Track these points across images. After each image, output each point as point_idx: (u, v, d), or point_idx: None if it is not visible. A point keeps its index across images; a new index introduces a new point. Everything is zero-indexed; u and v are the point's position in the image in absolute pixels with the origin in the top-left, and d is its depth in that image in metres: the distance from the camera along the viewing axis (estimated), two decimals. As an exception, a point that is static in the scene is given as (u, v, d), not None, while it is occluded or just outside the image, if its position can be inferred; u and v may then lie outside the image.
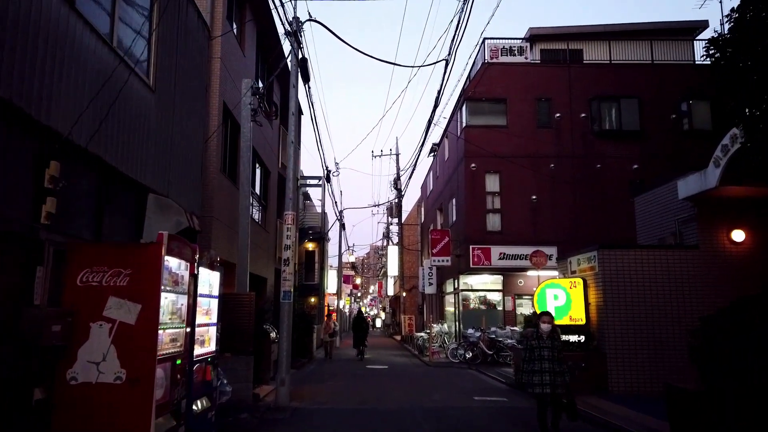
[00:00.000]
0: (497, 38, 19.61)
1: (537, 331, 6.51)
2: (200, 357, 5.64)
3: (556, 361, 6.27)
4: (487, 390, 11.45)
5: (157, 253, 4.48)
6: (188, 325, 5.20)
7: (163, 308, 4.58)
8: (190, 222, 6.11)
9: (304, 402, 9.64)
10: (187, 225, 6.00)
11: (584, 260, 11.12)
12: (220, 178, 11.19)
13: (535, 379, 6.23)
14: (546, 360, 6.24)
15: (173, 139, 6.86)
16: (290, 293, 9.68)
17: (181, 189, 7.05)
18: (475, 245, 17.98)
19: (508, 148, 18.30)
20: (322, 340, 18.89)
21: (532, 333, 6.61)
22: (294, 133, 9.92)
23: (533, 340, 6.46)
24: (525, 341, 6.65)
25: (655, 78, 18.85)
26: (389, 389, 11.33)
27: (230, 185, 11.81)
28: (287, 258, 9.66)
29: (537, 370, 6.24)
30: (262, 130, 15.64)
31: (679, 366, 9.59)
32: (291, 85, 9.98)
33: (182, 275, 5.09)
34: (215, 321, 6.18)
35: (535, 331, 6.55)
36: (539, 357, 6.28)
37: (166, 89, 6.62)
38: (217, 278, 6.23)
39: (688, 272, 10.33)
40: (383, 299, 53.69)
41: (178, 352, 4.95)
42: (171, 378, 4.74)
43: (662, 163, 17.55)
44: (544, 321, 6.49)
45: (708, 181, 9.57)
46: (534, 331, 6.60)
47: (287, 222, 9.68)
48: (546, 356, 6.25)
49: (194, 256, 5.28)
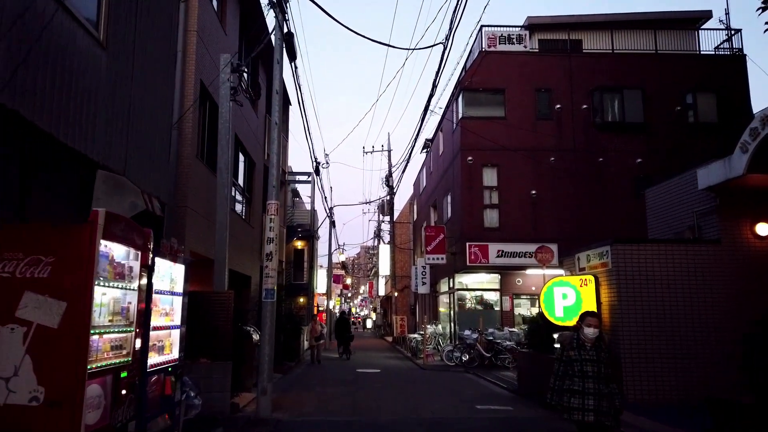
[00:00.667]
0: (495, 26, 18.75)
1: (578, 338, 4.72)
2: (157, 367, 4.65)
3: (603, 379, 4.60)
4: (488, 397, 10.53)
5: (89, 236, 3.48)
6: (139, 329, 4.20)
7: (99, 307, 3.60)
8: (148, 205, 5.13)
9: (288, 412, 8.65)
10: (145, 208, 5.03)
11: (595, 256, 10.23)
12: (197, 165, 10.17)
13: (574, 402, 4.57)
14: (590, 378, 4.56)
15: (133, 112, 5.86)
16: (273, 291, 8.68)
17: (143, 170, 6.05)
18: (472, 242, 17.07)
19: (506, 140, 17.42)
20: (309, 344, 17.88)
21: (571, 340, 4.77)
22: (278, 115, 8.94)
23: (572, 350, 4.68)
24: (560, 350, 4.82)
25: (658, 68, 18.09)
26: (383, 397, 10.37)
27: (209, 173, 10.80)
28: (270, 252, 8.67)
29: (577, 390, 4.57)
30: (247, 119, 14.63)
31: (702, 372, 8.75)
32: (275, 61, 8.99)
33: (130, 266, 4.10)
34: (179, 323, 5.18)
35: (575, 338, 4.74)
36: (581, 373, 4.59)
37: (122, 51, 5.62)
38: (181, 272, 5.24)
39: (709, 269, 9.48)
40: (374, 299, 52.75)
41: (124, 363, 3.96)
42: (112, 395, 3.75)
43: (667, 156, 16.78)
44: (588, 324, 4.71)
45: (733, 169, 8.72)
46: (573, 338, 4.76)
47: (270, 212, 8.69)
48: (590, 373, 4.57)
49: (147, 244, 4.29)
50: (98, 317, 3.58)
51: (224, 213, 9.08)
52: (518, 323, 17.80)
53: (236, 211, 14.36)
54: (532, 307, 18.16)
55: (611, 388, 4.61)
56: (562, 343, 4.85)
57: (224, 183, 9.19)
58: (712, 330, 9.07)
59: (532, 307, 18.20)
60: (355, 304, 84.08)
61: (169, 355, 5.01)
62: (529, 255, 16.85)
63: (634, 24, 19.48)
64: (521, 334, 16.09)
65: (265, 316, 8.70)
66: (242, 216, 14.84)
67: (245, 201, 15.37)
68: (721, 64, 18.33)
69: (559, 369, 4.77)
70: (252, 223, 15.42)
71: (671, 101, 17.77)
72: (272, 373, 8.71)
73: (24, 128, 4.14)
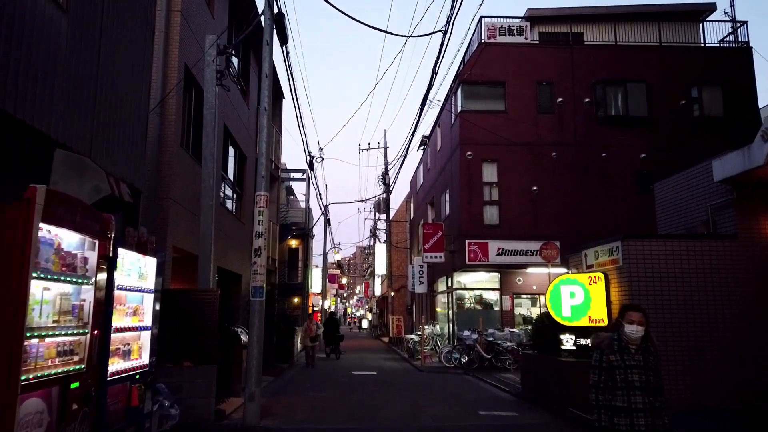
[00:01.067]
0: (495, 17, 18.19)
1: (619, 339, 3.74)
2: (121, 374, 4.04)
3: (653, 390, 3.61)
4: (491, 401, 9.95)
5: (23, 218, 2.87)
6: (96, 330, 3.60)
7: (40, 304, 2.99)
8: (114, 189, 4.52)
9: (278, 419, 8.05)
10: (110, 193, 4.42)
11: (604, 252, 9.67)
12: (182, 155, 9.55)
13: (622, 421, 3.56)
14: (637, 389, 3.57)
15: (101, 89, 5.25)
16: (262, 290, 8.07)
17: (113, 153, 5.44)
18: (471, 240, 16.50)
19: (506, 135, 16.85)
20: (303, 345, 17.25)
21: (611, 342, 3.77)
22: (268, 100, 8.33)
23: (613, 353, 3.70)
24: (598, 355, 3.79)
25: (662, 61, 17.57)
26: (380, 401, 9.77)
27: (195, 165, 10.18)
28: (259, 247, 8.06)
29: (623, 407, 3.56)
30: (238, 111, 14.01)
31: (723, 374, 8.22)
32: (264, 42, 8.38)
33: (85, 257, 3.50)
34: (149, 324, 4.57)
35: (616, 339, 3.75)
36: (625, 384, 3.59)
37: (87, 17, 5.00)
38: (152, 266, 4.63)
39: (725, 265, 8.94)
40: (370, 299, 52.15)
41: (75, 371, 3.36)
42: (59, 411, 3.14)
43: (671, 151, 16.25)
44: (631, 320, 3.69)
45: (753, 159, 8.16)
46: (613, 338, 3.78)
47: (259, 204, 8.08)
48: (637, 383, 3.58)
49: (107, 231, 3.68)
50: (39, 317, 2.98)
51: (209, 205, 8.46)
52: (518, 323, 17.26)
53: (226, 207, 13.75)
54: (533, 307, 17.63)
55: (661, 400, 3.61)
56: (599, 345, 3.82)
57: (210, 173, 8.57)
58: (732, 329, 8.54)
59: (532, 307, 17.66)
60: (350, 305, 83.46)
61: (137, 360, 4.40)
62: (530, 253, 16.34)
63: (637, 16, 18.97)
64: (522, 335, 15.56)
65: (253, 316, 8.09)
66: (233, 212, 14.23)
67: (236, 196, 14.76)
68: (726, 57, 17.83)
69: (599, 379, 3.69)
70: (243, 220, 14.80)
71: (676, 95, 17.27)
72: (261, 377, 8.12)
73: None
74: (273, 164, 18.40)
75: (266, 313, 12.70)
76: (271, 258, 18.38)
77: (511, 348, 14.70)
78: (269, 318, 14.64)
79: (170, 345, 7.58)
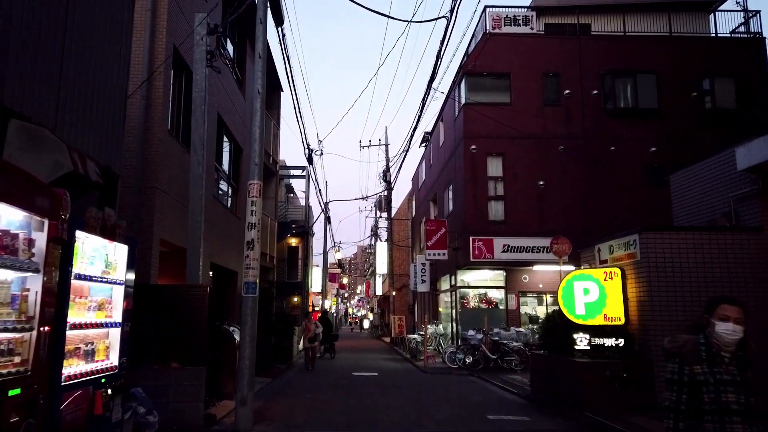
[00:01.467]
0: (500, 7, 17.60)
1: (707, 343, 2.71)
2: (81, 378, 3.48)
3: (749, 409, 2.61)
4: (500, 404, 9.37)
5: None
6: (46, 326, 3.03)
7: (-39, 293, 2.43)
8: (78, 165, 3.96)
9: (273, 424, 7.49)
10: (72, 169, 3.86)
11: (620, 246, 9.11)
12: (171, 143, 9.00)
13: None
14: (734, 413, 2.57)
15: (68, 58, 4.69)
16: (255, 285, 7.51)
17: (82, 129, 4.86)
18: (476, 236, 15.93)
19: (512, 128, 16.27)
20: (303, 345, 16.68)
21: (696, 348, 2.71)
22: (261, 82, 7.77)
23: (698, 364, 2.66)
24: (677, 366, 2.71)
25: (673, 52, 16.98)
26: (382, 405, 9.20)
27: (185, 154, 9.62)
28: (252, 240, 7.50)
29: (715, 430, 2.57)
30: (233, 100, 13.46)
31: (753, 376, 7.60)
32: (258, 20, 7.83)
33: (29, 239, 2.94)
34: (119, 320, 4.01)
35: (703, 343, 2.71)
36: (717, 405, 2.58)
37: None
38: (123, 254, 4.08)
39: (749, 259, 8.38)
40: (371, 299, 51.59)
41: (15, 375, 2.80)
42: (-8, 422, 2.58)
43: (682, 144, 15.64)
44: (725, 316, 2.66)
45: (783, 145, 7.61)
46: (700, 342, 2.72)
47: (252, 194, 7.53)
48: (734, 404, 2.58)
49: (60, 211, 3.12)
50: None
51: (198, 194, 7.90)
52: (524, 323, 16.69)
53: (222, 202, 13.20)
54: (539, 306, 17.06)
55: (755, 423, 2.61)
56: (679, 352, 2.72)
57: (199, 161, 8.01)
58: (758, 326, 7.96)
59: (539, 306, 17.09)
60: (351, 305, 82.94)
61: (103, 362, 3.84)
62: (537, 249, 15.77)
63: (646, 7, 18.40)
64: (529, 334, 14.99)
65: (245, 314, 7.53)
66: (228, 206, 13.68)
67: (231, 190, 14.20)
68: (738, 48, 17.24)
69: (678, 396, 2.65)
70: (239, 214, 14.23)
71: (687, 86, 16.67)
72: (254, 379, 7.55)
73: None
74: (271, 159, 17.84)
75: (264, 312, 12.17)
76: (269, 255, 17.83)
77: (517, 348, 14.14)
78: (267, 317, 14.09)
79: (156, 344, 7.04)
